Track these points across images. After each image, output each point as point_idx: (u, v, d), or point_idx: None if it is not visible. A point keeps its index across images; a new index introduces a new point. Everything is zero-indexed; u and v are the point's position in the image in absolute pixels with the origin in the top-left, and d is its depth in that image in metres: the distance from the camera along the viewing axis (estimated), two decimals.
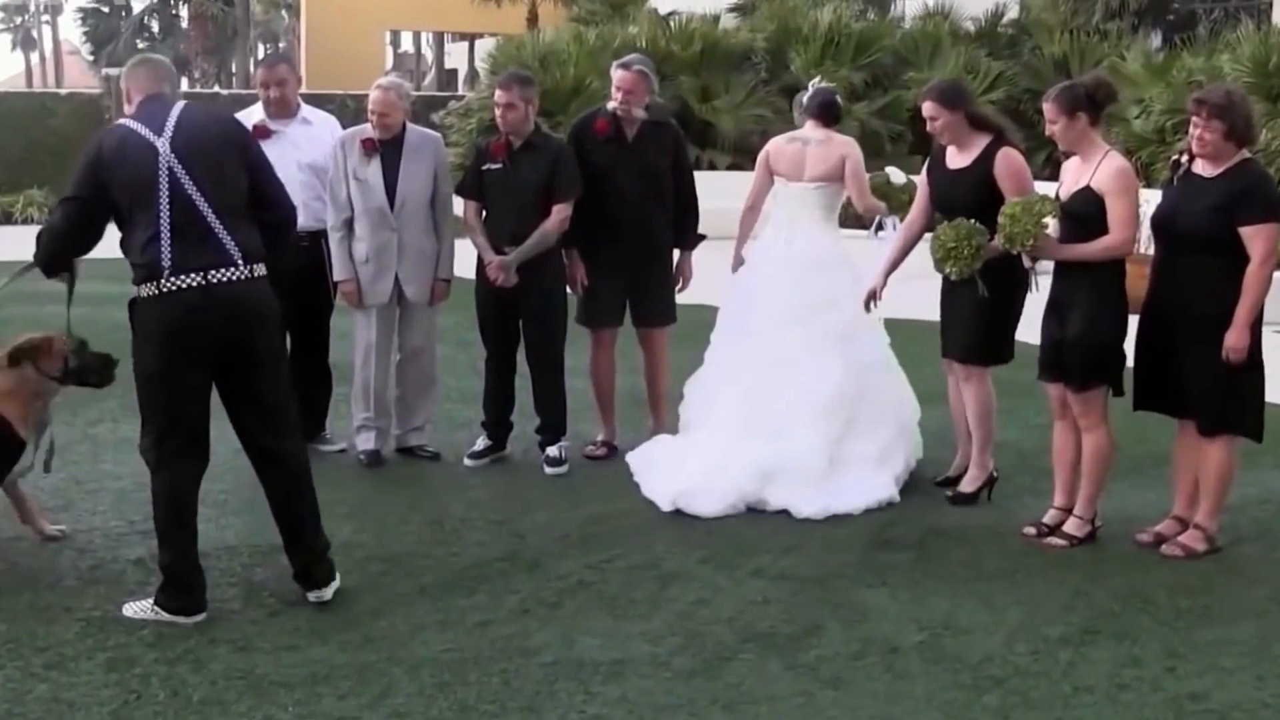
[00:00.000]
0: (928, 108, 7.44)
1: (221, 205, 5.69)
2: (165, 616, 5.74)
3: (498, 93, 8.01)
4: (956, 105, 7.43)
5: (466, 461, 8.21)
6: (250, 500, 7.35)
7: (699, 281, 8.57)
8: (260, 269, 5.80)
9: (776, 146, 8.22)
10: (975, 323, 7.40)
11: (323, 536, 6.07)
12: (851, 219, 10.20)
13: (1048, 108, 6.86)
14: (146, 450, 5.86)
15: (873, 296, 7.81)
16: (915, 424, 8.10)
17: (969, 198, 7.28)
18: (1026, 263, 6.97)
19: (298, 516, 6.02)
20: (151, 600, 5.81)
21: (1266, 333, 6.72)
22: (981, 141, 7.40)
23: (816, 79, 8.62)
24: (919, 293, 8.06)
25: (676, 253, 8.50)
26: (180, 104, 5.87)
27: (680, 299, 8.58)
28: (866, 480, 7.56)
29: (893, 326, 8.23)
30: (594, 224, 8.12)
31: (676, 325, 8.58)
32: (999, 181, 7.25)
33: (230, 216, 5.71)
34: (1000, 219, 6.84)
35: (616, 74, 8.23)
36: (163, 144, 5.67)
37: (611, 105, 8.21)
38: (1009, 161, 7.33)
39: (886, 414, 7.86)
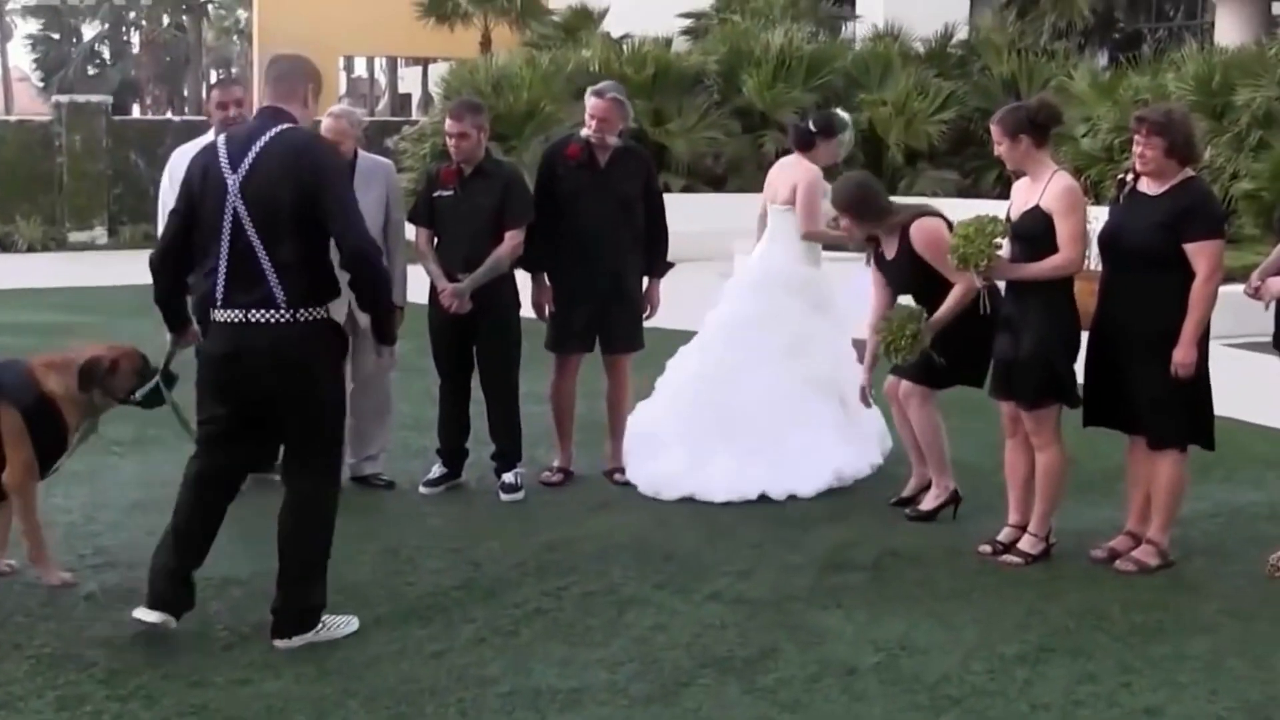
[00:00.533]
0: (844, 222, 7.67)
1: (276, 252, 5.63)
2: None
3: (449, 122, 7.99)
4: (865, 216, 7.62)
5: (422, 489, 8.19)
6: None
7: (662, 306, 8.61)
8: (307, 313, 5.69)
9: (770, 170, 8.80)
10: (936, 346, 7.40)
11: (301, 594, 5.89)
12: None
13: (993, 130, 6.94)
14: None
15: (863, 394, 8.01)
16: (847, 447, 8.35)
17: (911, 281, 7.52)
18: (979, 283, 7.00)
19: (282, 558, 5.95)
20: None
21: (1214, 347, 6.78)
22: (897, 226, 7.54)
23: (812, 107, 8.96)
24: None
25: (645, 280, 8.51)
26: (271, 132, 5.73)
27: (646, 324, 8.60)
28: (732, 475, 8.04)
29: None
30: (563, 249, 8.15)
31: (641, 351, 8.61)
32: (922, 255, 7.39)
33: (284, 262, 5.63)
34: (953, 240, 6.89)
35: (591, 102, 8.19)
36: (234, 182, 5.65)
37: (585, 132, 8.20)
38: (921, 233, 7.44)
39: (759, 427, 8.20)
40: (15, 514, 6.47)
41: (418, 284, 8.18)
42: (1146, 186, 6.73)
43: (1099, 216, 7.18)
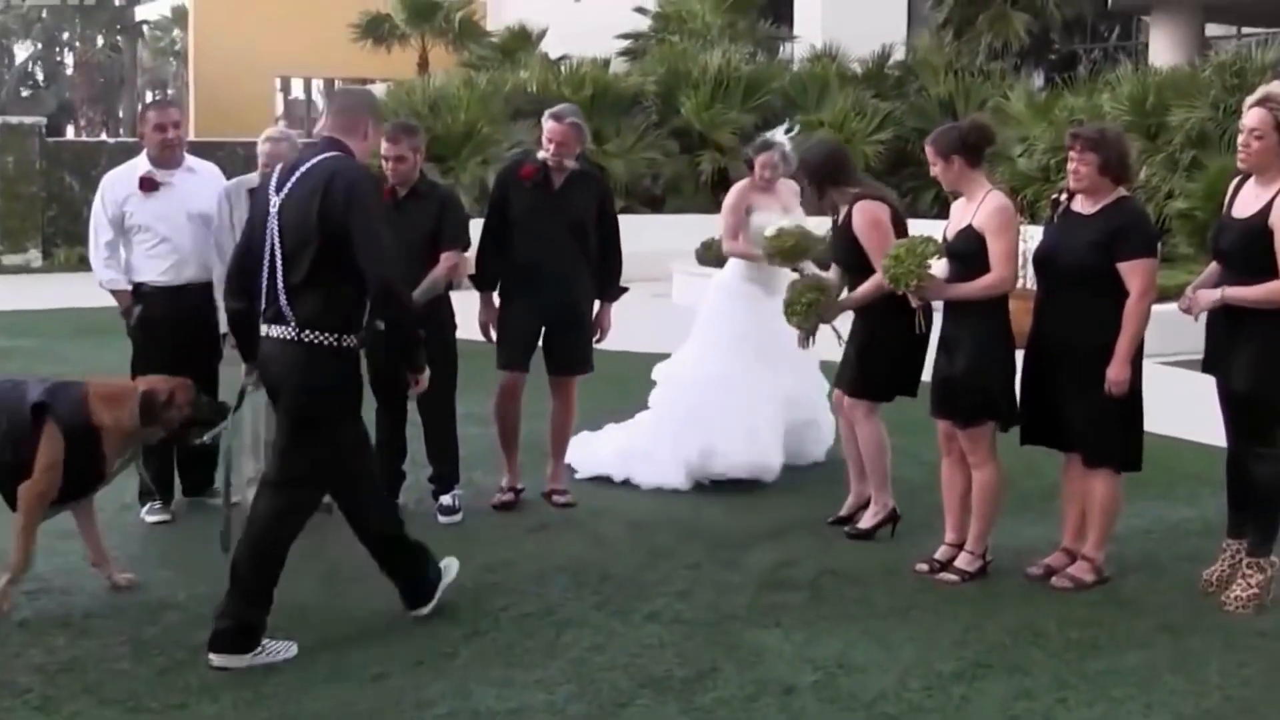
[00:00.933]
0: (927, 152, 7.36)
1: (291, 273, 5.88)
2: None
3: (385, 145, 7.90)
4: (826, 180, 7.72)
5: None
6: (137, 557, 7.29)
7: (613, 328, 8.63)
8: (316, 336, 5.87)
9: None
10: (861, 359, 7.56)
11: (234, 605, 5.89)
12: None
13: (927, 151, 7.00)
14: None
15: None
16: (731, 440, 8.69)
17: (842, 255, 7.63)
18: (914, 303, 7.05)
19: (232, 563, 6.02)
20: None
21: (1147, 365, 6.84)
22: (847, 201, 7.60)
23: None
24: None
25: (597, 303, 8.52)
26: (312, 161, 5.98)
27: (597, 346, 8.59)
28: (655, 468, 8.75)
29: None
30: (515, 269, 8.12)
31: (592, 372, 8.60)
32: (856, 234, 7.46)
33: (295, 283, 5.87)
34: (885, 260, 6.92)
35: (549, 126, 8.10)
36: (275, 205, 5.97)
37: (543, 155, 8.15)
38: (862, 214, 7.49)
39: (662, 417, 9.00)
40: (12, 525, 6.41)
41: None
42: (1080, 205, 6.80)
43: (1034, 236, 7.25)
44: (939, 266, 6.85)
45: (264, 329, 5.99)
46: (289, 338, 5.88)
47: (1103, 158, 6.67)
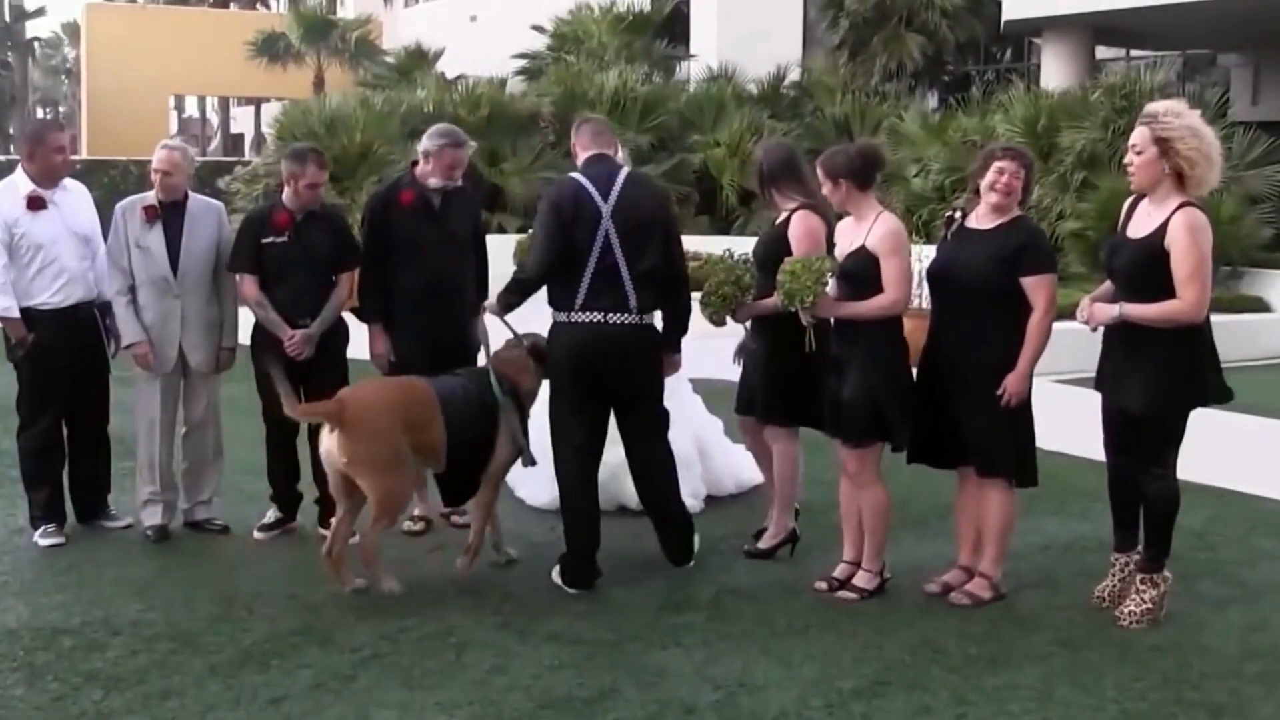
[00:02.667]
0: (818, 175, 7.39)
1: (635, 271, 7.08)
2: (559, 584, 7.16)
3: (313, 170, 7.82)
4: (779, 181, 7.51)
5: (256, 535, 8.08)
6: (31, 581, 7.19)
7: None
8: (649, 318, 7.21)
9: None
10: (776, 379, 7.46)
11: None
12: None
13: (818, 172, 7.05)
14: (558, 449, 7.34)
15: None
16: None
17: (769, 258, 7.30)
18: (805, 320, 7.00)
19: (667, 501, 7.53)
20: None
21: (1041, 382, 6.91)
22: (791, 206, 7.43)
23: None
24: (719, 351, 8.04)
25: None
26: (624, 172, 7.24)
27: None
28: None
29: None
30: (405, 297, 7.97)
31: None
32: (792, 243, 7.29)
33: (640, 278, 7.09)
34: (780, 276, 6.87)
35: (451, 154, 7.99)
36: (606, 210, 7.06)
37: (434, 182, 8.02)
38: (802, 224, 7.32)
39: None
40: (480, 506, 7.42)
41: (244, 327, 8.12)
42: (977, 221, 6.87)
43: (928, 255, 7.29)
44: (830, 286, 6.88)
45: (595, 316, 7.04)
46: (631, 323, 7.10)
47: (1029, 177, 6.85)
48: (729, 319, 7.34)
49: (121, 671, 5.96)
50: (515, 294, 7.27)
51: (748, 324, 7.53)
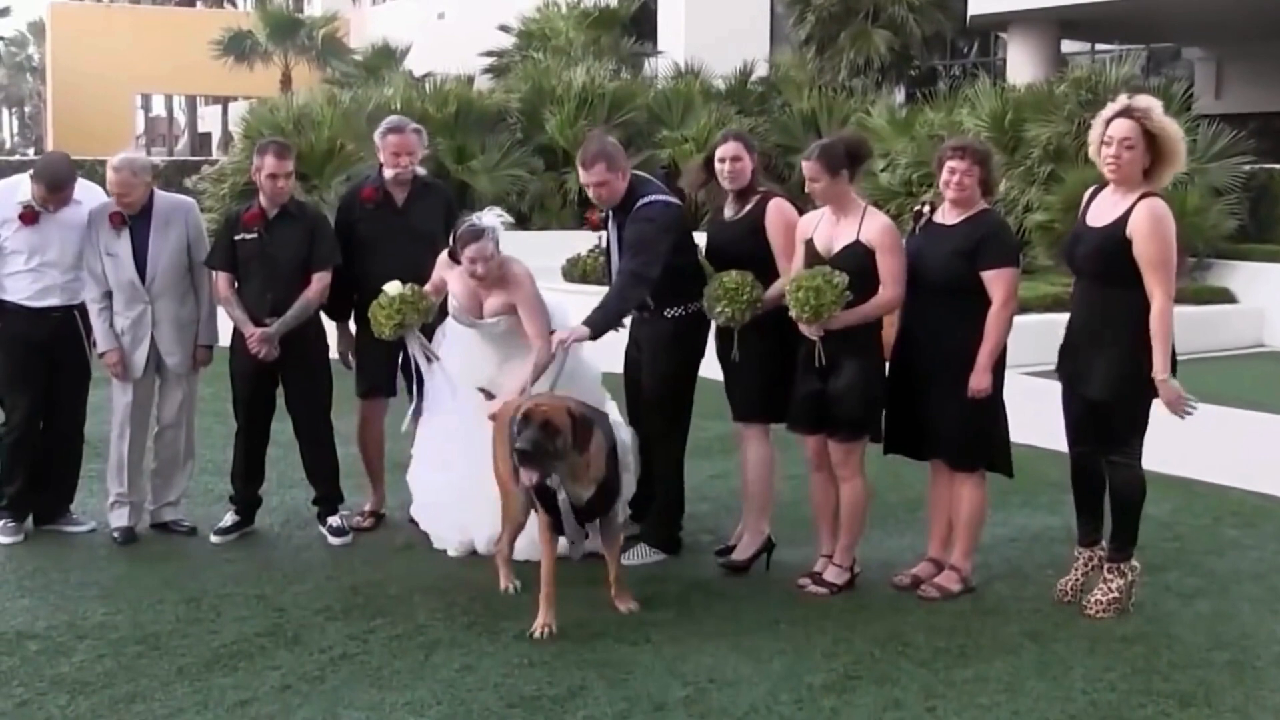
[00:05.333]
0: (730, 148, 7.33)
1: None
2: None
3: (273, 161, 7.75)
4: (753, 151, 7.41)
5: (213, 538, 8.01)
6: None
7: None
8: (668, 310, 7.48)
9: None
10: (745, 380, 7.39)
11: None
12: None
13: (809, 166, 6.89)
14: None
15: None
16: None
17: (743, 247, 7.23)
18: (815, 333, 6.83)
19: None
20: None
21: (1011, 375, 6.93)
22: (755, 193, 7.34)
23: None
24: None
25: None
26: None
27: None
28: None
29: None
30: (366, 294, 7.87)
31: None
32: (770, 232, 7.20)
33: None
34: (799, 293, 6.70)
35: (391, 139, 8.02)
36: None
37: (389, 172, 8.05)
38: (781, 214, 7.23)
39: None
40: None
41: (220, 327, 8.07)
42: (943, 217, 6.89)
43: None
44: None
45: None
46: (646, 317, 7.55)
47: (986, 172, 6.84)
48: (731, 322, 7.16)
49: (88, 676, 5.92)
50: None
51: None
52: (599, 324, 7.19)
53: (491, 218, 7.50)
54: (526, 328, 7.38)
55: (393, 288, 7.48)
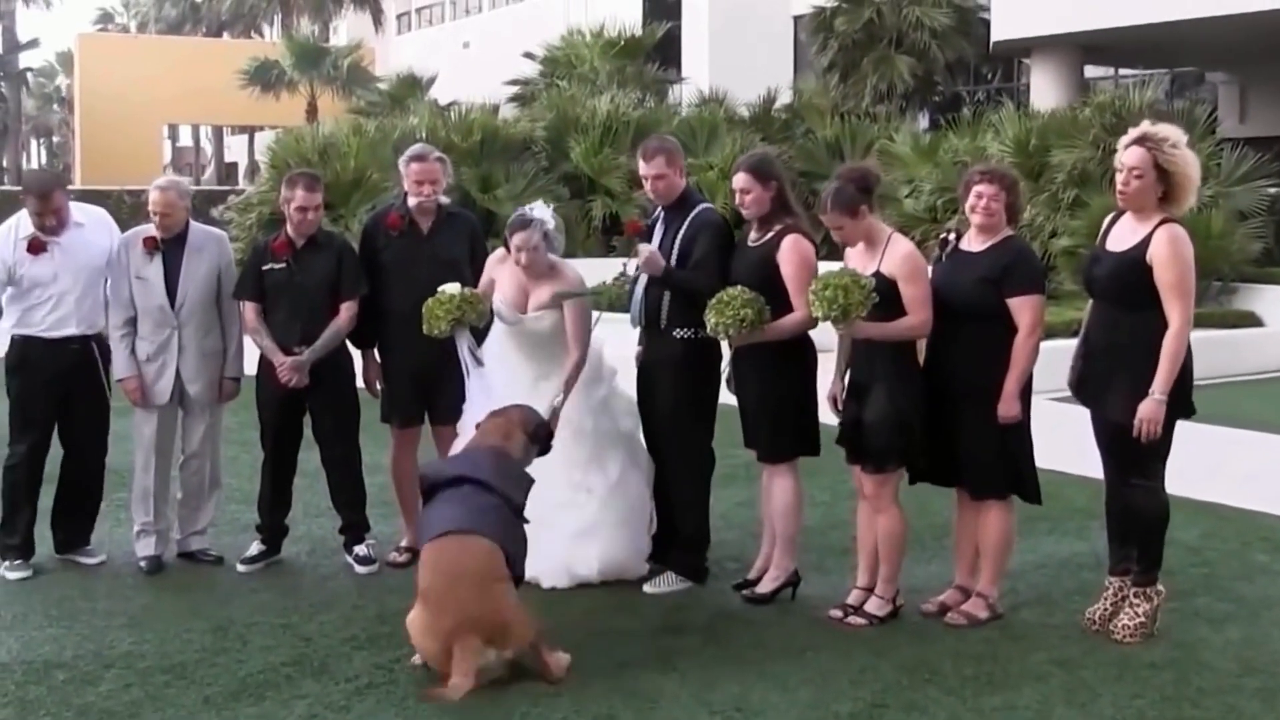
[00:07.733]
0: (739, 179, 7.29)
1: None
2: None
3: (303, 194, 7.77)
4: (769, 180, 7.29)
5: (240, 567, 8.01)
6: (22, 614, 7.16)
7: None
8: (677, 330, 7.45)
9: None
10: (776, 414, 7.31)
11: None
12: None
13: (829, 219, 6.85)
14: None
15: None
16: None
17: (754, 280, 7.11)
18: (855, 333, 6.79)
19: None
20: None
21: (1037, 401, 6.91)
22: (778, 223, 7.26)
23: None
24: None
25: None
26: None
27: None
28: None
29: None
30: (392, 321, 7.93)
31: None
32: (782, 266, 7.12)
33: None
34: (826, 291, 6.61)
35: (414, 168, 7.98)
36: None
37: (414, 200, 8.02)
38: (797, 250, 7.14)
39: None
40: None
41: (247, 357, 8.11)
42: (969, 244, 6.88)
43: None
44: None
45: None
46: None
47: (1013, 198, 6.84)
48: (727, 338, 7.11)
49: (115, 705, 5.92)
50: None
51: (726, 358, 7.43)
52: (673, 272, 7.37)
53: (542, 209, 7.63)
54: (568, 326, 7.49)
55: (452, 287, 7.49)
